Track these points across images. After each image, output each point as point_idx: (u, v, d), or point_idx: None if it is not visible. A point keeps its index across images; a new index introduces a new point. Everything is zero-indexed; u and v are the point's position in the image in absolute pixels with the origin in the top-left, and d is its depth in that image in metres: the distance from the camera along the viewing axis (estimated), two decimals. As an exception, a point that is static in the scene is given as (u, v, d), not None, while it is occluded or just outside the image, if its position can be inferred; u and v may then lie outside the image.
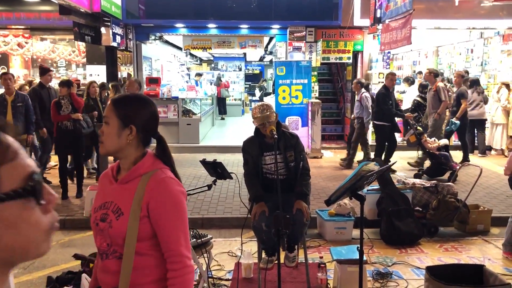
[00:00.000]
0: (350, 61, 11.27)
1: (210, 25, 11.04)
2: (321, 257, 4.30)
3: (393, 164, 4.86)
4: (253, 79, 24.50)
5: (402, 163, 9.29)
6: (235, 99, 20.58)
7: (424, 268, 4.70)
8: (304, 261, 4.08)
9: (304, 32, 10.85)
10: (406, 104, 11.31)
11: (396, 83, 12.32)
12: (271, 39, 12.48)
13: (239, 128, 14.26)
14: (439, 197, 5.80)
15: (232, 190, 7.59)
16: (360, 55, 11.14)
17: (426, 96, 10.06)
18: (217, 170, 3.56)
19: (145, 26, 11.04)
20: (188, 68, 20.72)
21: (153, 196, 1.76)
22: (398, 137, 9.58)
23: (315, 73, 11.15)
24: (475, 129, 10.14)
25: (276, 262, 4.03)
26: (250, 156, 3.99)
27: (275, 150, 3.62)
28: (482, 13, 10.62)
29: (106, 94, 8.40)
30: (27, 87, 8.66)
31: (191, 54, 19.52)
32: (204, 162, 3.63)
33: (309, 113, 10.35)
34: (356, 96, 9.38)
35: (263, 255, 4.00)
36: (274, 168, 3.94)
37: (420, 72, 13.27)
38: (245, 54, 20.14)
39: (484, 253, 5.16)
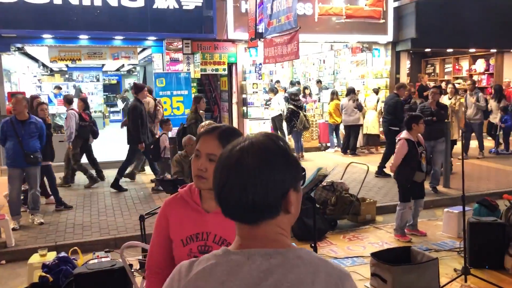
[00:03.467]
0: (226, 72, 11.76)
1: (82, 36, 10.52)
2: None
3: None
4: (110, 90, 23.63)
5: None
6: (95, 111, 19.61)
7: (339, 257, 5.40)
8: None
9: (181, 44, 11.03)
10: (274, 112, 12.20)
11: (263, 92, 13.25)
12: (144, 49, 12.35)
13: (109, 141, 13.74)
14: (336, 193, 6.57)
15: (133, 207, 7.46)
16: (234, 67, 11.71)
17: (298, 103, 11.09)
18: (177, 187, 3.63)
19: (6, 36, 10.03)
20: (39, 80, 19.13)
21: None
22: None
23: (195, 84, 11.41)
24: (350, 133, 11.46)
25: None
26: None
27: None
28: (337, 28, 12.01)
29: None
30: None
31: (43, 65, 18.09)
32: (162, 181, 3.68)
33: (192, 123, 10.55)
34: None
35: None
36: None
37: (278, 81, 14.40)
38: (103, 64, 19.33)
39: (380, 238, 6.04)
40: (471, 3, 12.18)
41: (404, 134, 5.89)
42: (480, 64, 14.67)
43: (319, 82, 14.96)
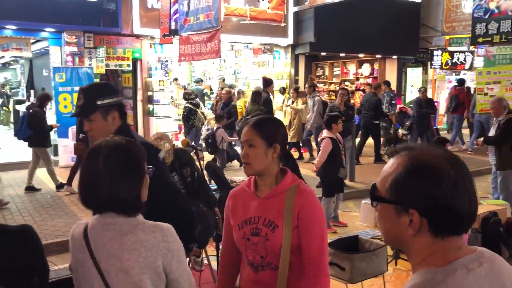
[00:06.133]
0: (130, 68, 11.32)
1: (-34, 23, 9.37)
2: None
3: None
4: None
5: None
6: (-34, 108, 17.54)
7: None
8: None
9: (82, 37, 10.37)
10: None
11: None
12: (37, 40, 11.35)
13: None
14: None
15: (45, 212, 6.88)
16: (139, 63, 11.33)
17: (194, 102, 11.01)
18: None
19: None
20: None
21: (303, 207, 1.90)
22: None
23: (98, 80, 10.77)
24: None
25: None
26: None
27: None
28: (241, 29, 12.25)
29: None
30: None
31: None
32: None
33: (97, 121, 10.00)
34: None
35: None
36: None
37: (176, 79, 14.24)
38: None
39: (307, 231, 6.36)
40: (362, 12, 13.27)
41: (326, 133, 6.24)
42: (366, 68, 16.02)
43: (223, 80, 15.07)
